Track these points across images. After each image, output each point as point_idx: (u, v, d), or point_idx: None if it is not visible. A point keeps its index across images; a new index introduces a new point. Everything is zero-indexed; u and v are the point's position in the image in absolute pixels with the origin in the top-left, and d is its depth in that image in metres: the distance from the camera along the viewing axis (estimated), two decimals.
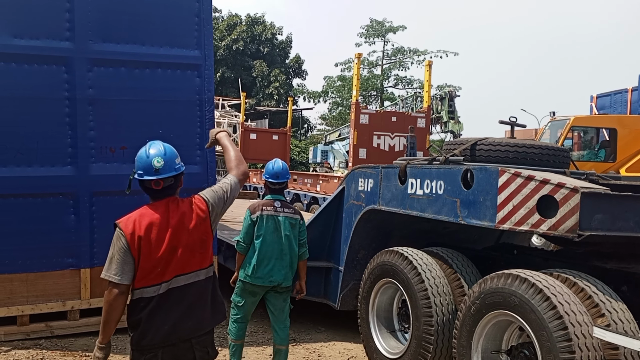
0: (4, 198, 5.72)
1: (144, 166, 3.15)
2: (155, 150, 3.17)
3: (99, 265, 5.84)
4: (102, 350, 3.07)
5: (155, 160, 3.12)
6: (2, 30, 5.66)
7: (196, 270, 3.22)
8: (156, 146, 3.20)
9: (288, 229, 5.14)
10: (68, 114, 5.88)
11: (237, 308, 5.17)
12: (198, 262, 3.23)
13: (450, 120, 22.06)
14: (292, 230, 5.17)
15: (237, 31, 45.60)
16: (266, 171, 5.34)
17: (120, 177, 5.73)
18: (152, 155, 3.15)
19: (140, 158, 3.18)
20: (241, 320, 5.17)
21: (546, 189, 4.05)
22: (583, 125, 14.84)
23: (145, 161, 3.15)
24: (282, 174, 5.28)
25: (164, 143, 3.24)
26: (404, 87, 45.94)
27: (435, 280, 4.99)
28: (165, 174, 3.15)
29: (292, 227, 5.17)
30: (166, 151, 3.19)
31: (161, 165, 3.13)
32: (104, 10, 6.01)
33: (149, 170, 3.14)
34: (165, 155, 3.17)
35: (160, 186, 3.16)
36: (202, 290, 3.25)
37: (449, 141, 5.96)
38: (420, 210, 5.14)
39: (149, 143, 3.24)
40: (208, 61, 6.39)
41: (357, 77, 15.24)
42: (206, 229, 3.27)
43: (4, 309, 5.77)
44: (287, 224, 5.15)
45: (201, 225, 3.24)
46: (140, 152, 3.21)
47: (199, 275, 3.23)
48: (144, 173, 3.15)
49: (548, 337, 3.75)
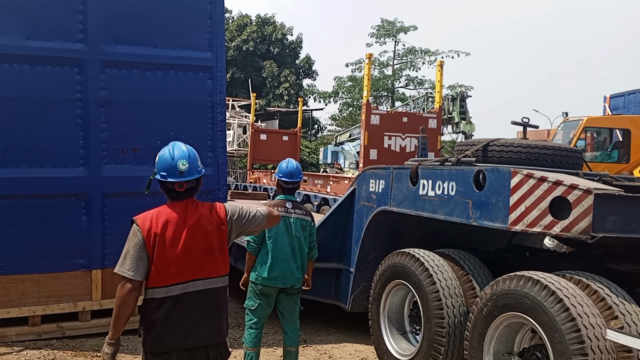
0: (16, 199, 5.76)
1: (168, 168, 3.14)
2: (179, 152, 3.16)
3: (111, 266, 5.88)
4: (112, 346, 3.07)
5: (180, 162, 3.12)
6: (16, 32, 5.70)
7: (215, 277, 3.21)
8: (180, 148, 3.18)
9: (299, 231, 5.10)
10: (80, 115, 5.90)
11: (251, 313, 5.08)
12: (216, 269, 3.22)
13: (462, 120, 21.98)
14: (303, 232, 5.13)
15: (248, 31, 45.65)
16: (279, 170, 5.30)
17: (132, 179, 5.81)
18: (177, 157, 3.13)
19: (164, 159, 3.16)
20: (256, 326, 5.07)
21: (559, 190, 4.02)
22: (596, 126, 14.74)
23: (170, 163, 3.13)
24: (295, 173, 5.25)
25: (186, 145, 3.24)
26: (415, 87, 45.92)
27: (447, 281, 4.97)
28: (190, 177, 3.16)
29: (302, 228, 5.13)
30: (190, 154, 3.18)
31: (186, 168, 3.13)
32: (117, 12, 6.03)
33: (173, 173, 3.13)
34: (189, 158, 3.16)
35: (183, 188, 3.17)
36: (219, 298, 3.25)
37: (461, 142, 5.93)
38: (432, 211, 5.12)
39: (171, 144, 3.22)
40: (220, 63, 6.40)
41: (368, 77, 15.23)
42: (222, 237, 3.26)
43: (16, 310, 5.80)
44: (299, 225, 5.10)
45: (218, 231, 3.24)
46: (163, 153, 3.19)
47: (217, 283, 3.23)
48: (167, 175, 3.14)
49: (561, 339, 3.72)
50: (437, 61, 16.51)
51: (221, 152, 6.34)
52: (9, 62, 5.69)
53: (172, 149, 3.18)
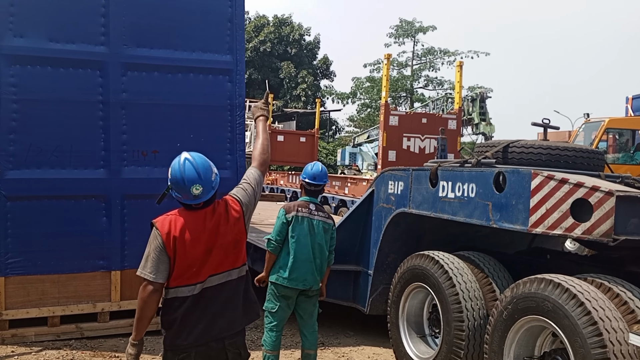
0: (38, 199, 5.82)
1: (182, 191, 3.12)
2: (190, 176, 3.09)
3: (130, 267, 5.96)
4: (135, 347, 3.13)
5: (193, 188, 3.09)
6: (39, 34, 5.77)
7: (229, 270, 3.26)
8: (190, 169, 3.10)
9: (321, 233, 5.13)
10: (101, 117, 5.95)
11: (270, 315, 5.08)
12: (231, 262, 3.27)
13: (482, 121, 21.86)
14: (325, 235, 5.16)
15: (265, 32, 45.75)
16: (304, 172, 5.35)
17: (151, 181, 5.86)
18: (188, 181, 3.08)
19: (176, 181, 3.12)
20: (276, 329, 5.06)
21: (580, 192, 3.98)
22: (618, 127, 14.58)
23: (183, 187, 3.11)
24: (320, 176, 5.29)
25: (196, 159, 3.15)
26: (434, 88, 45.72)
27: (466, 284, 4.94)
28: (205, 197, 3.16)
29: (324, 231, 5.16)
30: (201, 174, 3.11)
31: (200, 192, 3.11)
32: (138, 15, 6.07)
33: (188, 196, 3.13)
34: (201, 179, 3.11)
35: (200, 205, 3.19)
36: (235, 289, 3.29)
37: (481, 143, 5.90)
38: (451, 213, 5.09)
39: (181, 161, 3.14)
40: (239, 66, 6.42)
41: (387, 78, 15.17)
42: (240, 228, 3.31)
43: (36, 310, 5.85)
44: (321, 228, 5.14)
45: (235, 225, 3.28)
46: (174, 173, 3.13)
47: (231, 275, 3.27)
48: (182, 197, 3.15)
49: (582, 343, 3.67)
50: (457, 61, 16.37)
51: (240, 155, 6.36)
52: (32, 64, 5.75)
53: (183, 169, 3.10)
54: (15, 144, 5.71)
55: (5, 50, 5.65)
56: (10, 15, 5.66)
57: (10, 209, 5.73)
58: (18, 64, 5.70)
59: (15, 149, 5.71)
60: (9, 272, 5.75)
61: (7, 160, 5.69)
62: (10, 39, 5.67)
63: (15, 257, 5.75)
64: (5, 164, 5.68)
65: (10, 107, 5.67)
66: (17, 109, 5.70)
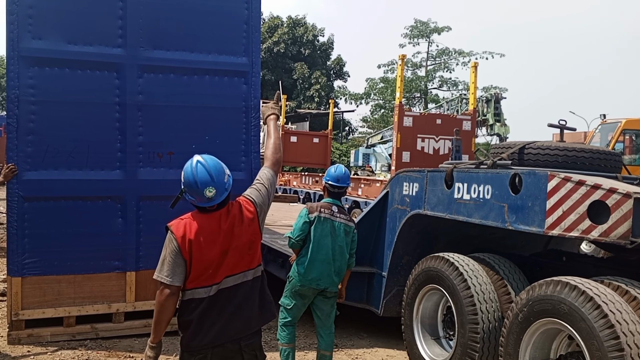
0: (54, 200, 5.87)
1: (196, 193, 3.15)
2: (203, 179, 3.11)
3: (145, 268, 5.99)
4: (154, 350, 3.16)
5: (207, 190, 3.11)
6: (58, 36, 5.81)
7: (244, 271, 3.28)
8: (203, 172, 3.12)
9: (342, 236, 5.17)
10: (118, 119, 5.99)
11: (285, 311, 5.19)
12: (246, 263, 3.29)
13: (497, 122, 21.74)
14: (346, 238, 5.20)
15: (279, 33, 45.79)
16: (327, 174, 5.40)
17: (166, 182, 5.89)
18: (201, 184, 3.10)
19: (189, 184, 3.14)
20: (290, 324, 5.18)
21: (597, 194, 3.95)
22: (635, 128, 14.44)
23: (196, 190, 3.13)
24: (342, 178, 5.32)
25: (208, 161, 3.17)
26: (449, 88, 45.55)
27: (481, 286, 4.91)
28: (219, 199, 3.18)
29: (346, 234, 5.21)
30: (214, 177, 3.13)
31: (213, 194, 3.13)
32: (155, 18, 6.10)
33: (202, 199, 3.15)
34: (214, 182, 3.13)
35: (213, 207, 3.21)
36: (250, 290, 3.31)
37: (496, 145, 5.87)
38: (466, 215, 5.07)
39: (194, 164, 3.16)
40: (255, 68, 6.42)
41: (401, 78, 15.12)
42: (255, 229, 3.33)
43: (52, 310, 5.89)
44: (342, 230, 5.19)
45: (250, 226, 3.30)
46: (187, 176, 3.15)
47: (246, 276, 3.29)
48: (196, 200, 3.18)
49: (599, 346, 3.64)
50: (472, 62, 16.29)
51: (254, 157, 6.37)
52: (50, 66, 5.80)
53: (196, 172, 3.12)
54: (33, 145, 5.76)
55: (24, 52, 5.70)
56: (29, 18, 5.71)
57: (27, 210, 5.79)
58: (36, 66, 5.75)
59: (33, 150, 5.76)
60: (26, 272, 5.80)
61: (25, 162, 5.74)
62: (29, 41, 5.72)
63: (32, 257, 5.80)
64: (23, 165, 5.73)
65: (28, 109, 5.73)
66: (35, 110, 5.75)
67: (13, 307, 5.78)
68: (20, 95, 5.70)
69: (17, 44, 5.68)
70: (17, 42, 5.68)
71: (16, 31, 5.67)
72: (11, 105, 5.69)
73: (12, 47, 5.68)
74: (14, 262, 5.79)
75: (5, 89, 5.82)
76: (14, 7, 5.66)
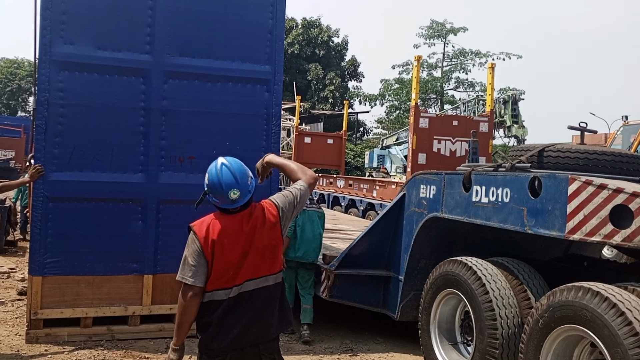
0: (78, 201, 5.95)
1: (220, 195, 3.17)
2: (228, 181, 3.14)
3: (162, 272, 6.04)
4: (176, 352, 3.17)
5: (231, 192, 3.14)
6: (88, 42, 5.95)
7: (266, 275, 3.26)
8: (228, 174, 3.15)
9: (316, 219, 6.78)
10: (142, 123, 6.10)
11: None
12: (268, 267, 3.27)
13: (514, 124, 21.59)
14: (319, 220, 6.82)
15: (293, 34, 45.85)
16: None
17: (187, 187, 5.97)
18: (225, 186, 3.13)
19: (213, 186, 3.17)
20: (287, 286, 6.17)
21: (620, 198, 3.89)
22: None
23: (220, 192, 3.15)
24: None
25: (232, 164, 3.20)
26: (465, 90, 45.34)
27: (500, 291, 4.84)
28: (242, 201, 3.19)
29: (318, 217, 6.84)
30: (238, 179, 3.16)
31: (237, 196, 3.15)
32: (182, 26, 6.21)
33: (225, 201, 3.17)
34: (238, 184, 3.15)
35: (237, 209, 3.21)
36: (271, 295, 3.29)
37: (515, 147, 5.80)
38: (485, 218, 5.00)
39: (219, 165, 3.19)
40: (277, 76, 6.50)
41: (417, 79, 15.07)
42: (277, 234, 3.31)
43: (70, 310, 5.94)
44: (315, 215, 6.79)
45: (272, 230, 3.29)
46: (211, 177, 3.18)
47: (268, 281, 3.27)
48: (219, 202, 3.19)
49: (623, 354, 3.57)
50: (489, 63, 16.17)
51: None
52: (79, 71, 5.93)
53: (221, 174, 3.15)
54: (60, 147, 5.88)
55: (56, 57, 5.84)
56: (62, 24, 5.85)
57: (51, 210, 5.88)
58: (67, 70, 5.89)
59: (59, 152, 5.88)
60: (47, 271, 5.86)
61: (52, 163, 5.86)
62: (60, 46, 5.85)
63: (54, 257, 5.88)
64: (50, 165, 5.85)
65: (57, 112, 5.86)
66: (63, 113, 5.88)
67: (32, 306, 5.84)
68: (50, 99, 5.83)
69: (50, 48, 5.82)
70: (49, 46, 5.81)
71: (49, 36, 5.81)
72: (41, 107, 5.83)
73: (44, 51, 5.82)
74: (35, 261, 5.87)
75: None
76: (47, 13, 5.81)
